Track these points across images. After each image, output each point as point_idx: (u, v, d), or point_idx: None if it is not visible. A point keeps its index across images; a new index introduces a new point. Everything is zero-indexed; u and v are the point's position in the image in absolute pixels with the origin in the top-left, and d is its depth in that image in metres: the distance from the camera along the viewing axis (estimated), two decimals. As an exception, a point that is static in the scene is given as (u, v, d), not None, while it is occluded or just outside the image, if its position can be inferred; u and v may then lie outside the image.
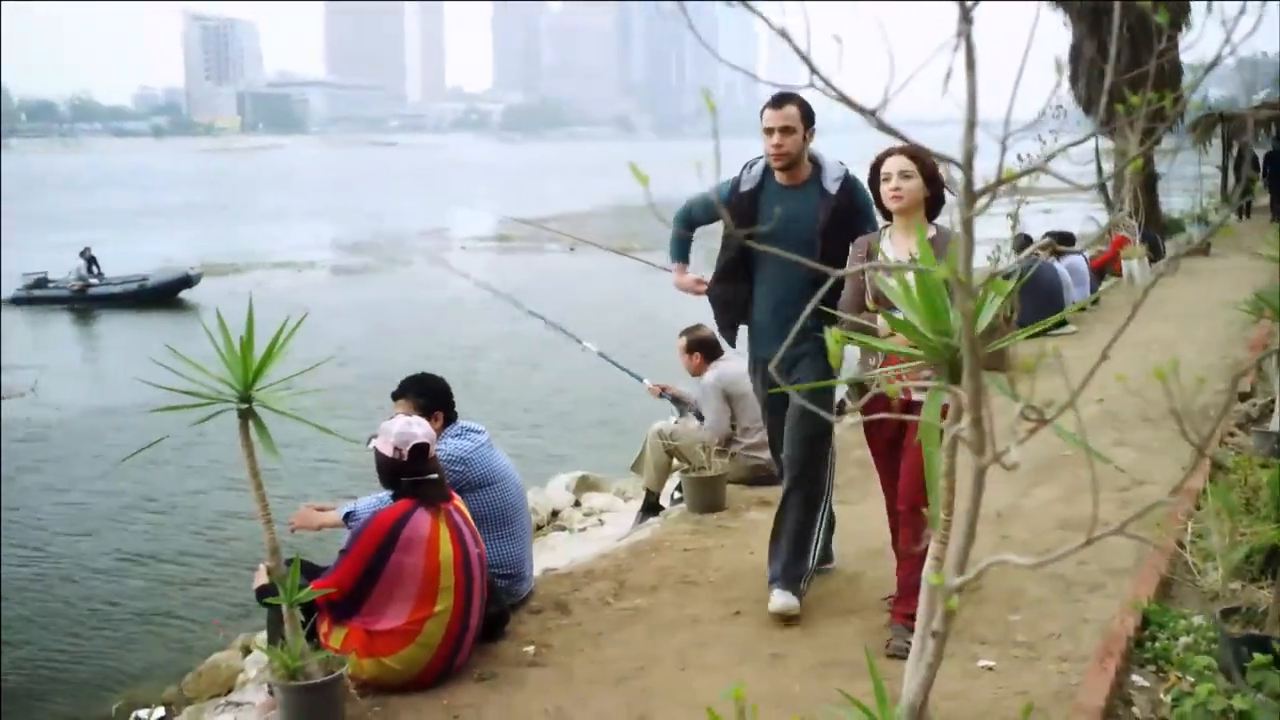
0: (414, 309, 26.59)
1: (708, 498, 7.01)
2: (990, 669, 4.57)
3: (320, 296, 27.47)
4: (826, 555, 5.75)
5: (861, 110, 1.78)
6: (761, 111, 5.19)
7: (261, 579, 4.75)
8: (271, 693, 4.88)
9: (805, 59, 1.71)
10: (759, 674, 4.70)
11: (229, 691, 7.18)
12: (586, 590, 5.82)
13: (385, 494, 4.94)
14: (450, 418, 5.51)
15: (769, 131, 5.14)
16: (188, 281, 27.90)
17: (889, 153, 4.71)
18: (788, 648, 4.99)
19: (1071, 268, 13.87)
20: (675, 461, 7.65)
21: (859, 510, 6.62)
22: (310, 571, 4.66)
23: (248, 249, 40.44)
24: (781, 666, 4.80)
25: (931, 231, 4.69)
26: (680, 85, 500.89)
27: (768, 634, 5.17)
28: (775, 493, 7.25)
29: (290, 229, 49.27)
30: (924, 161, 4.66)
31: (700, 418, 7.77)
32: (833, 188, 5.18)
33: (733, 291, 5.41)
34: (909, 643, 4.04)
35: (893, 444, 4.87)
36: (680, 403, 8.16)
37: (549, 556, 7.54)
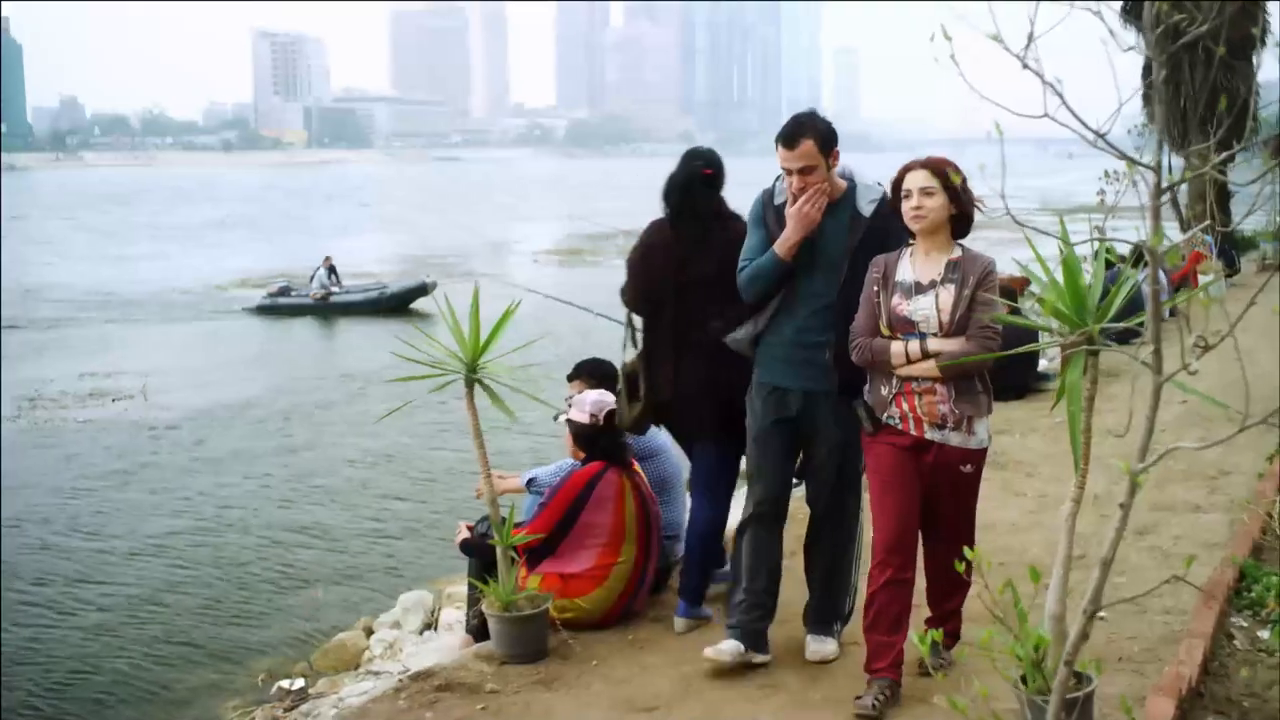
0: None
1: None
2: (1102, 619, 5.20)
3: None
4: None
5: (1094, 131, 2.39)
6: (776, 145, 4.67)
7: (464, 534, 5.55)
8: (469, 631, 5.64)
9: (1053, 88, 2.28)
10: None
11: (356, 667, 7.84)
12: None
13: (565, 463, 5.68)
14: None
15: (788, 172, 4.67)
16: (423, 290, 28.03)
17: (909, 167, 4.42)
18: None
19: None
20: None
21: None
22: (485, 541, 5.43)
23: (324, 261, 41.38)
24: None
25: (956, 253, 4.41)
26: (742, 101, 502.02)
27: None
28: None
29: (363, 241, 50.34)
30: (947, 177, 4.34)
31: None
32: (867, 210, 4.70)
33: (758, 320, 4.87)
34: (942, 660, 4.72)
35: (901, 479, 4.44)
36: None
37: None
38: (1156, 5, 2.93)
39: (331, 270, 29.10)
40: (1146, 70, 23.29)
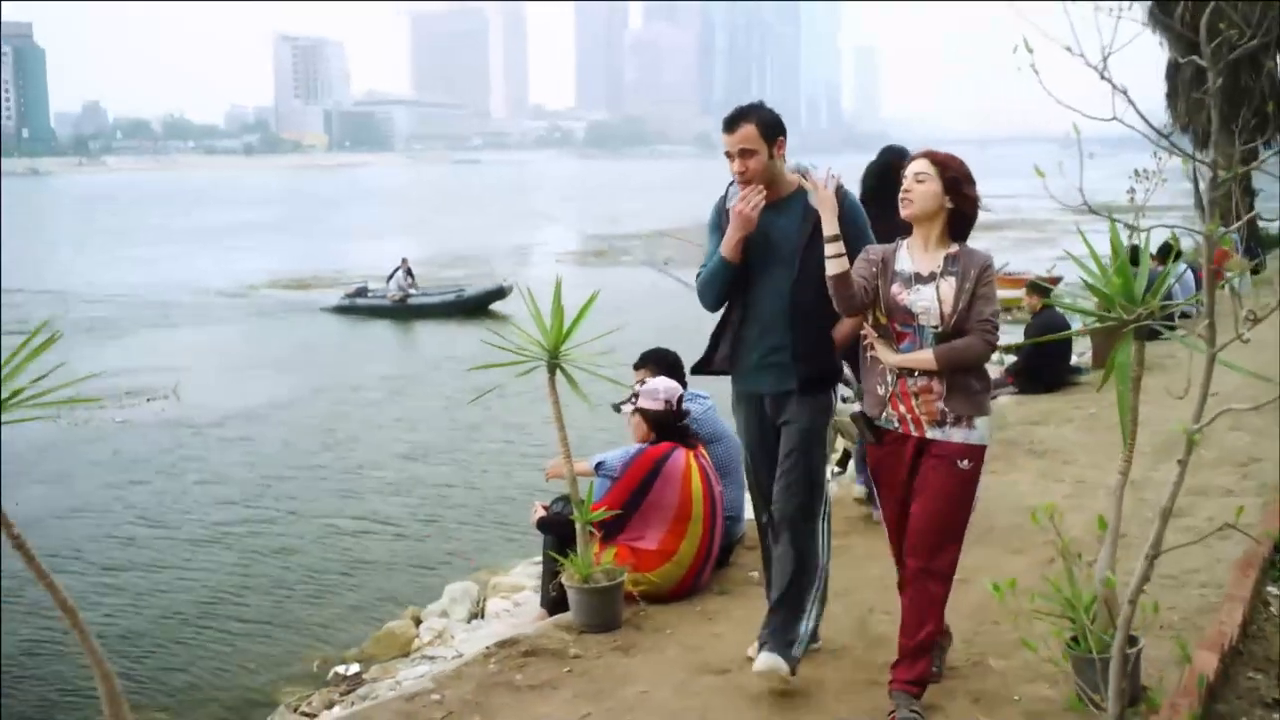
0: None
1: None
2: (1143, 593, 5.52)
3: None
4: (813, 635, 5.00)
5: (1159, 132, 2.72)
6: (721, 134, 4.70)
7: (539, 513, 5.92)
8: (544, 604, 6.00)
9: (1122, 92, 2.60)
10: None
11: (407, 654, 8.14)
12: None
13: (632, 448, 6.03)
14: (683, 384, 6.55)
15: (729, 156, 4.65)
16: (500, 293, 28.15)
17: (912, 157, 4.41)
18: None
19: (1179, 278, 14.72)
20: (839, 439, 8.57)
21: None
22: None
23: (354, 263, 41.81)
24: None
25: (955, 248, 4.31)
26: (762, 101, 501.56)
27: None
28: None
29: (387, 244, 50.71)
30: (945, 168, 4.29)
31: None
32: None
33: (722, 324, 4.87)
34: (915, 711, 4.26)
35: (906, 485, 4.38)
36: (847, 383, 9.11)
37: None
38: (1205, 12, 3.24)
39: (408, 272, 29.20)
40: (1172, 69, 23.64)
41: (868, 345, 4.42)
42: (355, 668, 8.18)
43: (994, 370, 12.09)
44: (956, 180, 4.27)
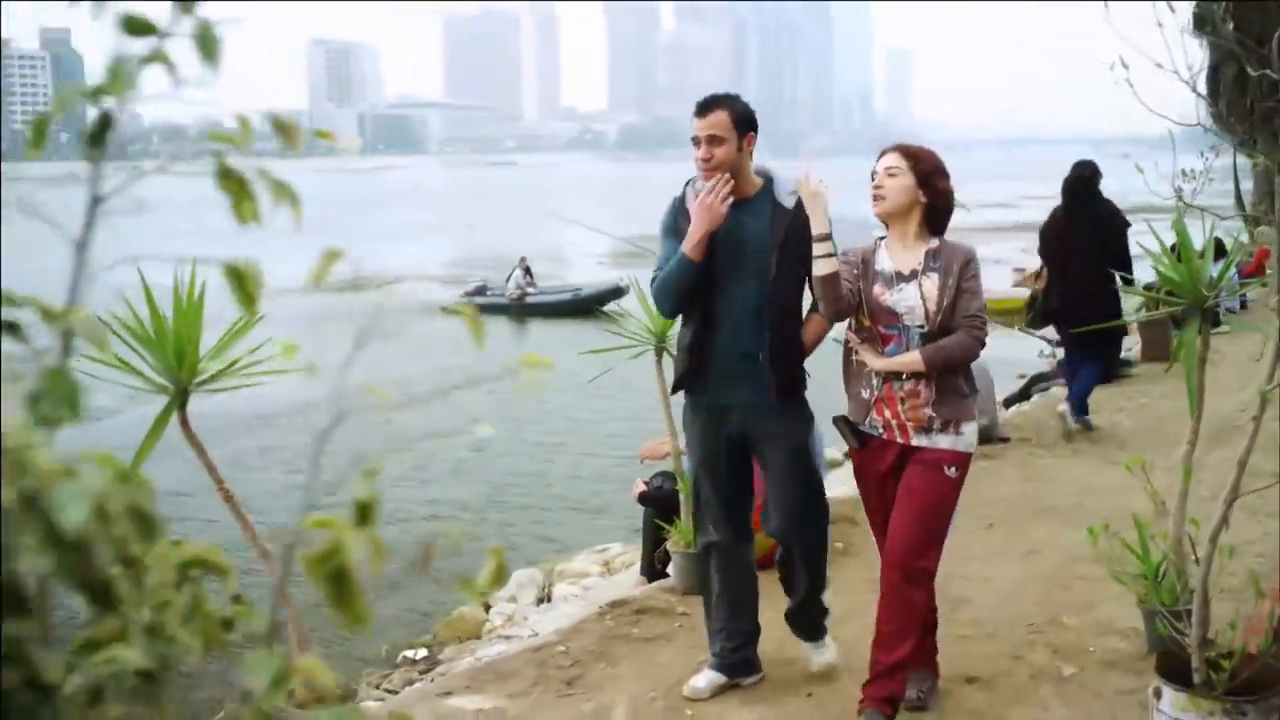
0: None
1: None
2: (1196, 561, 5.95)
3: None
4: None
5: (1243, 137, 3.15)
6: (691, 120, 4.42)
7: (640, 488, 6.41)
8: (643, 572, 6.49)
9: (1207, 101, 3.04)
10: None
11: (478, 637, 8.53)
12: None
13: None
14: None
15: (695, 142, 4.36)
16: (618, 292, 27.63)
17: (883, 151, 4.25)
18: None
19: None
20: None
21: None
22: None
23: (396, 264, 42.33)
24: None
25: (934, 243, 4.15)
26: (794, 102, 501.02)
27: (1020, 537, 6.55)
28: (995, 450, 8.77)
29: (423, 245, 51.24)
30: (918, 161, 4.14)
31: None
32: (788, 201, 4.36)
33: (688, 334, 4.52)
34: None
35: (889, 495, 4.22)
36: None
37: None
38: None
39: (527, 271, 29.52)
40: (1214, 71, 23.88)
41: (852, 350, 4.26)
42: (423, 652, 8.53)
43: (1045, 363, 12.53)
44: (929, 173, 4.13)
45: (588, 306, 27.86)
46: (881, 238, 4.24)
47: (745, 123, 4.38)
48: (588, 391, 15.84)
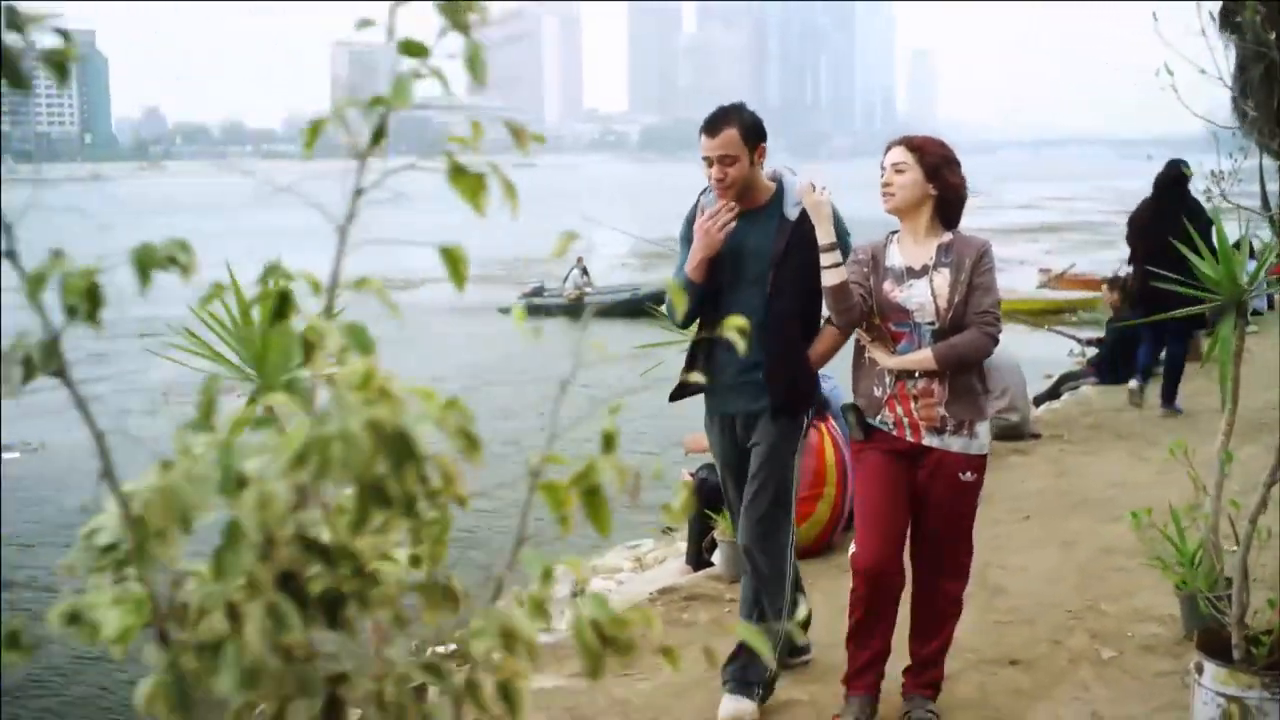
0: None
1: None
2: (1232, 550, 6.10)
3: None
4: (803, 647, 4.99)
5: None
6: (699, 136, 4.36)
7: (686, 478, 6.59)
8: (689, 561, 6.68)
9: (1236, 98, 3.20)
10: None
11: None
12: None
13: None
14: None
15: (707, 161, 4.31)
16: None
17: (889, 146, 4.15)
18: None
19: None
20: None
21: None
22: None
23: (421, 265, 42.49)
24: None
25: (947, 236, 4.05)
26: (816, 104, 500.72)
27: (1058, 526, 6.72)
28: (1028, 445, 8.94)
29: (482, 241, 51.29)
30: (923, 153, 4.03)
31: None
32: (793, 213, 4.31)
33: (694, 341, 4.59)
34: (930, 712, 4.19)
35: (895, 493, 4.10)
36: None
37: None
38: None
39: (584, 270, 29.75)
40: (1240, 71, 23.92)
41: (863, 348, 4.18)
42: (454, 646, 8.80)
43: (1074, 363, 12.66)
44: (937, 165, 4.02)
45: (644, 305, 27.85)
46: (894, 232, 4.17)
47: (755, 134, 4.32)
48: (629, 387, 15.94)
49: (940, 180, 4.00)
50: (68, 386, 0.88)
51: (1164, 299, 8.20)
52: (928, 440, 4.00)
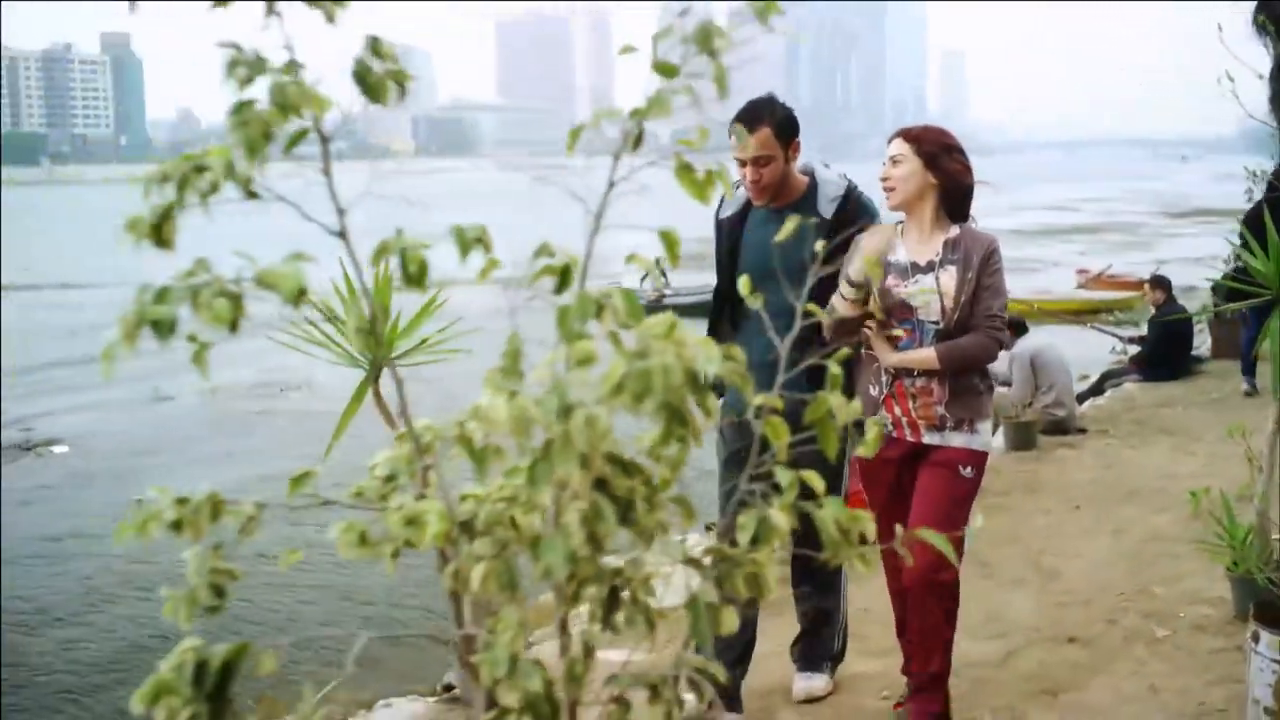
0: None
1: (1024, 438, 8.86)
2: (1277, 539, 6.30)
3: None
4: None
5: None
6: (729, 132, 3.77)
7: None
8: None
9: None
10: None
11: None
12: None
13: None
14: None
15: (741, 164, 4.10)
16: None
17: (889, 139, 4.01)
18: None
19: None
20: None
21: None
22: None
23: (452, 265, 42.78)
24: None
25: (954, 231, 3.90)
26: (847, 105, 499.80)
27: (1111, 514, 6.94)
28: (1074, 440, 9.16)
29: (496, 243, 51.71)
30: (920, 143, 3.87)
31: (1006, 384, 9.54)
32: (827, 210, 4.14)
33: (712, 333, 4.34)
34: None
35: (897, 494, 3.96)
36: None
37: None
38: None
39: (663, 272, 30.01)
40: (1276, 71, 23.93)
41: (864, 342, 4.00)
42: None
43: (1114, 361, 12.85)
44: (934, 154, 3.85)
45: None
46: (900, 223, 4.00)
47: (789, 130, 4.13)
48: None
49: (939, 168, 3.84)
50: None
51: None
52: (928, 438, 3.88)
